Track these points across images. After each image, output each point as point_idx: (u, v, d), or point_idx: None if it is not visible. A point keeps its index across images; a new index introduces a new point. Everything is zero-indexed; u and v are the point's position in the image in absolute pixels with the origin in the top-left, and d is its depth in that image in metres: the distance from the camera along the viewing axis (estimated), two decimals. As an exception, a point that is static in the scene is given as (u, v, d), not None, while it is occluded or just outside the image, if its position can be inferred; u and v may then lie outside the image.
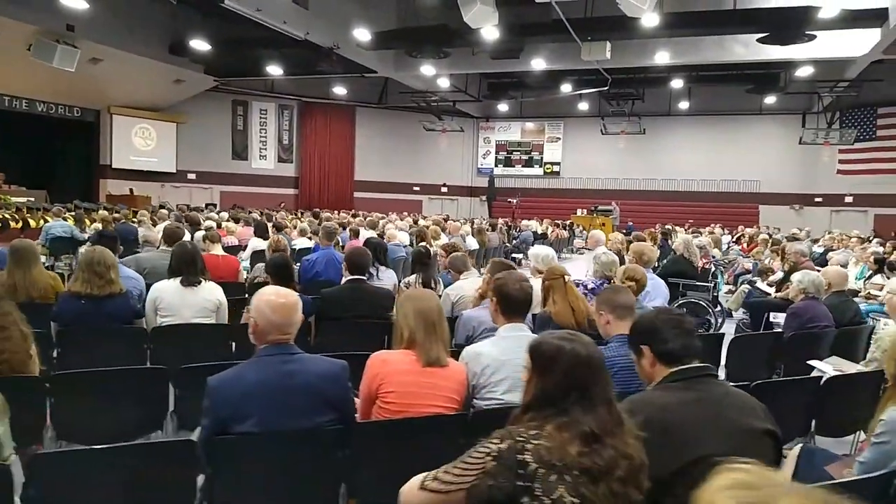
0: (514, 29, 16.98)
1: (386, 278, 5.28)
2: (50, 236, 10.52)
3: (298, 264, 6.20)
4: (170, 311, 3.97)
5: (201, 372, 2.44)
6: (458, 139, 29.04)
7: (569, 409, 1.65)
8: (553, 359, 1.74)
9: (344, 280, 4.38)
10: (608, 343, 2.83)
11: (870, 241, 12.88)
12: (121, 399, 2.99)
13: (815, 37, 15.86)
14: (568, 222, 20.96)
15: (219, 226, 11.04)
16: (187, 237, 6.22)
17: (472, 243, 11.86)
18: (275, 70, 21.32)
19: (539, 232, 16.98)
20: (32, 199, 19.21)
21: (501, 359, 2.61)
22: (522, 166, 29.50)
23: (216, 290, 4.14)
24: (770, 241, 11.05)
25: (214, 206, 22.16)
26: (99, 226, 11.62)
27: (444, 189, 29.72)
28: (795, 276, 4.65)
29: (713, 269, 8.84)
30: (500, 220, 17.70)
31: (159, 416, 3.18)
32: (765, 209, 25.62)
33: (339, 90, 25.41)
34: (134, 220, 11.83)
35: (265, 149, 27.38)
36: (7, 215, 13.21)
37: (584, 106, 26.40)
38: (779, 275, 8.16)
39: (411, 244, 9.58)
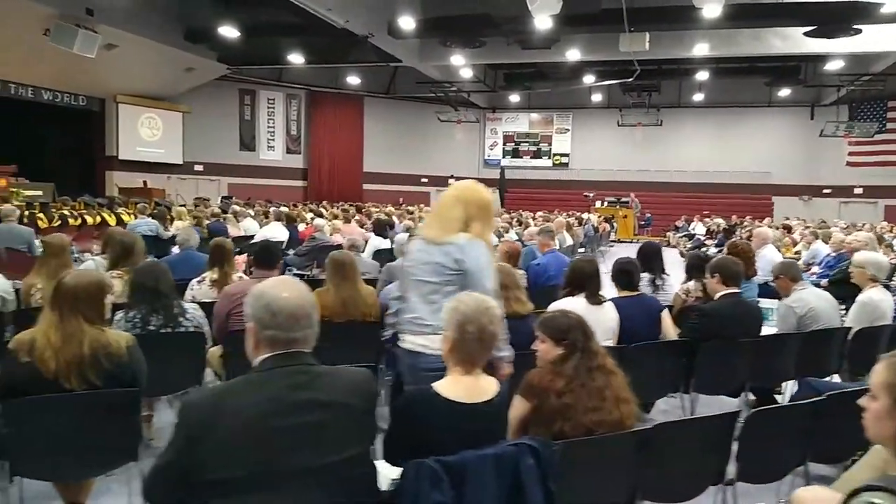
0: (557, 19, 16.75)
1: (669, 287, 4.92)
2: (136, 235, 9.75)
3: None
4: (584, 335, 3.52)
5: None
6: (465, 130, 28.65)
7: None
8: None
9: (719, 294, 3.99)
10: None
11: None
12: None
13: (860, 31, 16.04)
14: (609, 216, 20.87)
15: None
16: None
17: (568, 239, 11.59)
18: (296, 58, 20.59)
19: (595, 226, 16.79)
20: (40, 192, 18.09)
21: None
22: (531, 157, 29.26)
23: (613, 308, 3.71)
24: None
25: (230, 198, 21.25)
26: (181, 223, 10.96)
27: (451, 181, 28.96)
28: None
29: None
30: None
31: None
32: (775, 200, 26.02)
33: (353, 80, 24.71)
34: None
35: (273, 139, 26.45)
36: (66, 212, 12.31)
37: (597, 97, 26.30)
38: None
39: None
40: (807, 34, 16.66)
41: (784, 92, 24.73)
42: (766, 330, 4.39)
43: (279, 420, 1.71)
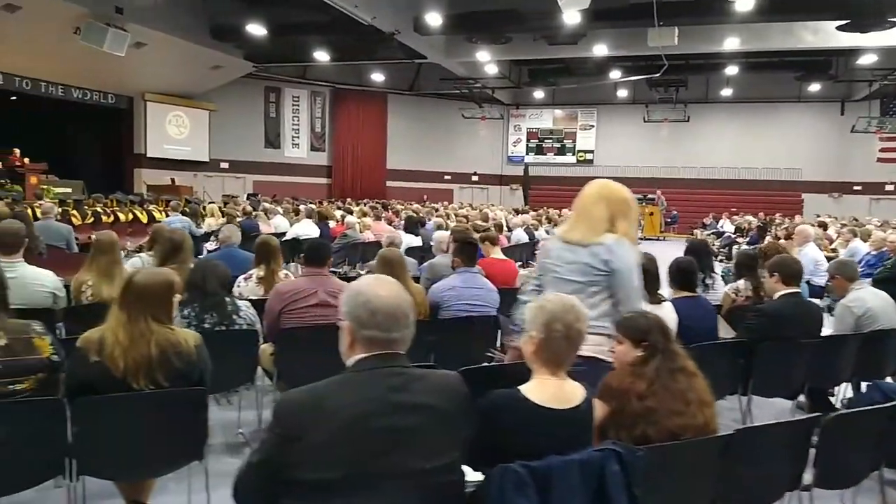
0: (585, 14, 16.61)
1: (719, 286, 4.83)
2: (171, 233, 9.82)
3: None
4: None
5: None
6: (488, 127, 28.58)
7: None
8: None
9: (779, 294, 3.90)
10: None
11: None
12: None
13: (896, 24, 15.73)
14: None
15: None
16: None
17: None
18: (321, 56, 20.64)
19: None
20: (70, 189, 18.30)
21: None
22: (555, 154, 29.07)
23: (672, 308, 3.64)
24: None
25: (257, 195, 21.35)
26: (212, 221, 11.03)
27: (474, 178, 29.22)
28: None
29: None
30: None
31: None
32: (804, 197, 25.62)
33: (377, 77, 24.72)
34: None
35: (298, 137, 26.60)
36: (99, 209, 12.45)
37: (622, 93, 26.07)
38: None
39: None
40: (839, 28, 16.37)
41: (814, 87, 24.33)
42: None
43: (378, 421, 1.69)
